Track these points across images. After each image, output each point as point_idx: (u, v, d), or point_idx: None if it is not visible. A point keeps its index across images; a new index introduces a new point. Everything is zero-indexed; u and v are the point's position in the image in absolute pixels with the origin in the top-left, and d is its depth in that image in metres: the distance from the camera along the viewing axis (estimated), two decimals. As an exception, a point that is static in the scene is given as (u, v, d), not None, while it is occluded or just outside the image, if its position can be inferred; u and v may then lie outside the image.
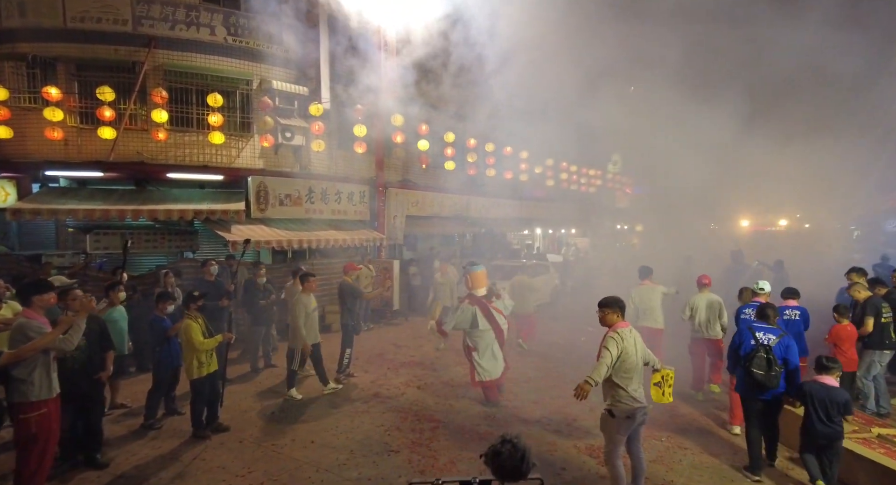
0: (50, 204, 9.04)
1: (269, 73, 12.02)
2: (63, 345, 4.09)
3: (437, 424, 6.05)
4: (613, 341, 4.14)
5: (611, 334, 4.21)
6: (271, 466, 4.97)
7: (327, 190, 12.35)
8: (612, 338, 4.17)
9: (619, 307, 4.33)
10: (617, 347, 4.11)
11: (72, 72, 10.38)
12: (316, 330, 7.01)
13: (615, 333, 4.19)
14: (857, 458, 4.33)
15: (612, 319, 4.32)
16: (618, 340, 4.13)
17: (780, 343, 4.72)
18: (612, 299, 4.37)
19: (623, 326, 4.28)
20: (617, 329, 4.23)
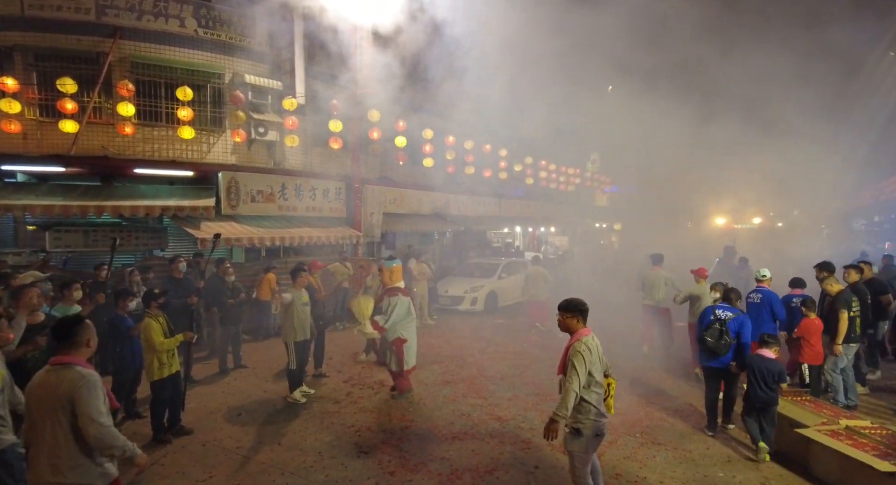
0: (5, 199, 8.61)
1: (241, 66, 11.73)
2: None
3: (409, 423, 5.92)
4: (581, 357, 3.58)
5: (578, 348, 3.63)
6: (235, 469, 4.78)
7: (301, 186, 12.10)
8: (580, 353, 3.59)
9: (581, 312, 3.77)
10: (585, 362, 3.57)
11: (30, 62, 9.93)
12: (307, 326, 6.70)
13: (582, 346, 3.62)
14: (826, 450, 4.34)
15: (574, 326, 3.77)
16: (585, 354, 3.59)
17: (734, 320, 5.48)
18: (574, 302, 3.79)
19: (586, 333, 3.75)
20: (581, 338, 3.68)
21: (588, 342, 3.68)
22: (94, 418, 2.71)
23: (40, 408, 2.74)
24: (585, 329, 3.79)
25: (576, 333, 3.76)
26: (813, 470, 4.54)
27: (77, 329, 2.92)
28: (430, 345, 9.69)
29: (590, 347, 3.65)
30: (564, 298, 3.88)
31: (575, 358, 3.61)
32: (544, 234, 25.33)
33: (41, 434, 2.72)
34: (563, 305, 3.84)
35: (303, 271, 6.90)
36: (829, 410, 5.07)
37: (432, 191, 16.33)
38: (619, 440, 5.45)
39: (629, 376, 7.57)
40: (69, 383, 2.73)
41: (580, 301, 3.83)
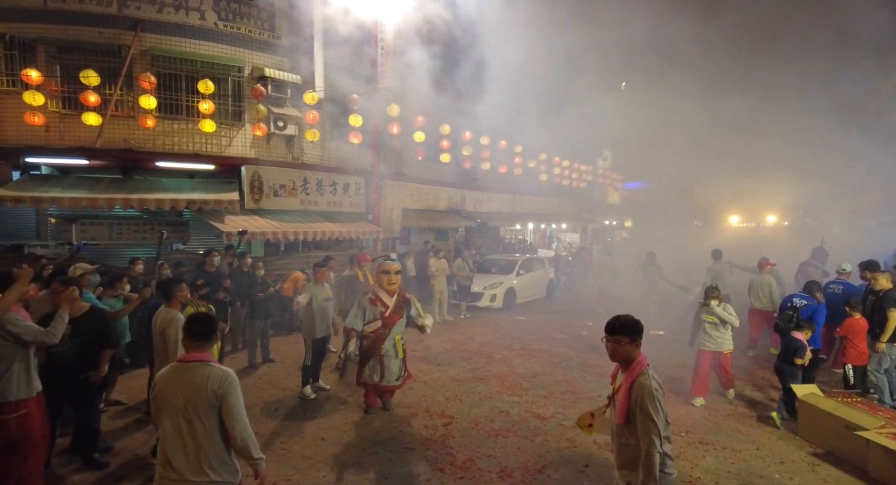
0: (33, 192, 8.57)
1: (261, 60, 11.65)
2: (45, 338, 3.73)
3: (450, 420, 5.86)
4: (655, 398, 2.67)
5: (647, 384, 2.70)
6: (283, 465, 4.72)
7: (323, 181, 12.04)
8: (653, 392, 2.67)
9: (637, 333, 2.85)
10: (661, 405, 2.69)
11: (52, 54, 9.86)
12: (328, 322, 6.65)
13: (651, 381, 2.72)
14: (888, 452, 4.27)
15: (631, 353, 2.83)
16: (658, 394, 2.70)
17: (808, 307, 6.31)
18: (627, 322, 2.85)
19: (646, 362, 2.85)
20: (646, 370, 2.78)
21: (656, 376, 2.79)
22: (242, 418, 2.71)
23: (187, 406, 2.64)
24: (644, 356, 2.87)
25: (635, 364, 2.82)
26: (872, 473, 4.47)
27: (215, 327, 2.89)
28: (454, 341, 9.63)
29: (659, 384, 2.76)
30: (613, 317, 2.93)
31: (648, 401, 2.66)
32: (554, 231, 25.25)
33: (184, 431, 2.64)
34: (614, 325, 2.86)
35: (323, 267, 6.86)
36: (885, 412, 5.01)
37: (448, 187, 16.27)
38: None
39: (666, 374, 7.50)
40: (217, 380, 2.68)
41: (634, 319, 2.89)
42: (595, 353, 8.84)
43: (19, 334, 3.57)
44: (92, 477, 4.51)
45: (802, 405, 5.41)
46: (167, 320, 4.48)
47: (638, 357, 2.84)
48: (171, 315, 4.52)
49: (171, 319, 4.48)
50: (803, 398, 5.42)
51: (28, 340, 3.63)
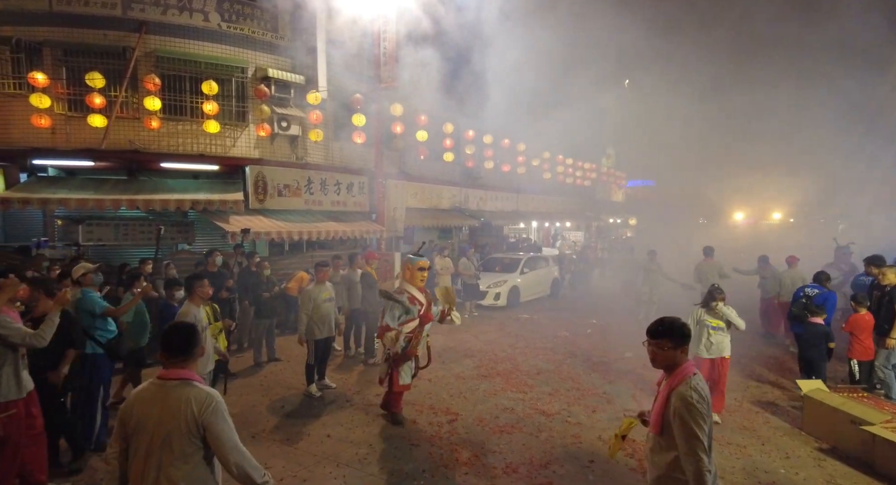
0: (40, 193, 8.64)
1: (264, 60, 11.69)
2: (33, 340, 3.74)
3: (455, 417, 5.88)
4: (698, 412, 2.38)
5: (688, 396, 2.41)
6: (289, 461, 4.76)
7: (326, 180, 12.08)
8: (695, 405, 2.39)
9: (683, 338, 2.60)
10: (706, 419, 2.41)
11: (58, 57, 9.94)
12: (330, 323, 6.64)
13: (693, 393, 2.43)
14: (893, 446, 4.26)
15: (675, 359, 2.57)
16: (702, 407, 2.41)
17: (820, 295, 6.53)
18: (673, 324, 2.60)
19: (692, 369, 2.56)
20: (689, 379, 2.49)
21: (699, 385, 2.49)
22: (235, 445, 2.35)
23: (157, 430, 2.25)
24: (690, 364, 2.60)
25: (679, 371, 2.55)
26: (878, 467, 4.46)
27: (196, 338, 2.47)
28: (458, 339, 9.65)
29: (702, 394, 2.45)
30: (657, 319, 2.69)
31: (687, 414, 2.38)
32: (558, 229, 25.23)
33: (151, 460, 2.25)
34: (657, 328, 2.62)
35: (325, 266, 6.87)
36: (891, 407, 5.00)
37: (452, 185, 16.29)
38: (671, 435, 5.38)
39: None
40: (198, 404, 2.28)
41: (680, 323, 2.62)
42: (600, 351, 8.85)
43: (6, 336, 3.61)
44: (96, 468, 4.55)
45: (808, 401, 5.40)
46: (180, 316, 4.54)
47: (683, 364, 2.56)
48: (184, 310, 4.62)
49: (184, 313, 4.56)
50: (809, 394, 5.41)
51: (16, 343, 3.67)
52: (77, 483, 4.40)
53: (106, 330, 4.94)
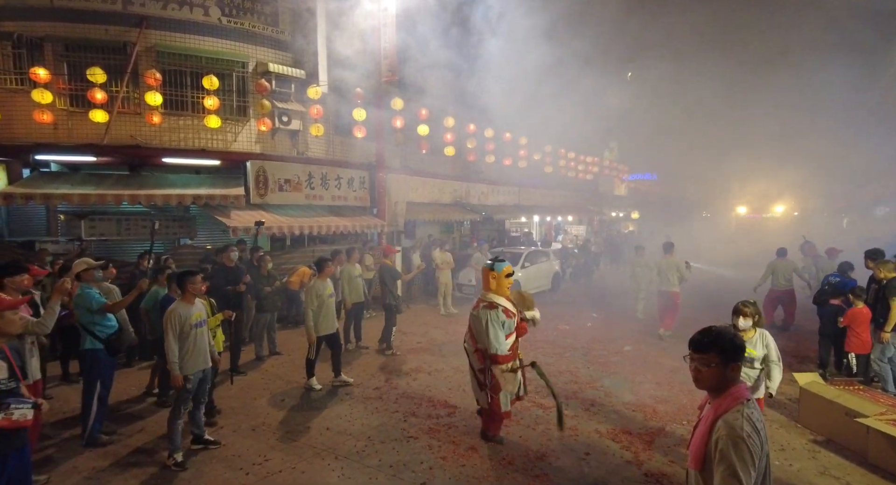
0: (43, 188, 8.70)
1: (265, 55, 11.69)
2: (36, 328, 3.88)
3: (453, 409, 5.94)
4: (745, 446, 1.94)
5: (739, 427, 1.97)
6: (288, 454, 4.82)
7: (327, 175, 12.10)
8: (749, 439, 1.95)
9: (736, 351, 2.10)
10: (755, 458, 1.94)
11: (60, 52, 9.96)
12: (332, 319, 6.65)
13: (745, 424, 1.97)
14: (888, 438, 4.29)
15: (727, 379, 2.11)
16: (752, 442, 1.95)
17: (841, 282, 7.14)
18: (728, 336, 2.13)
19: (745, 394, 2.09)
20: (741, 406, 2.03)
21: (754, 415, 2.02)
22: None
23: None
24: (743, 386, 2.12)
25: (727, 394, 2.09)
26: (872, 459, 4.49)
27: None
28: (458, 333, 9.64)
29: (756, 426, 1.99)
30: (702, 329, 2.19)
31: (733, 449, 1.94)
32: (561, 223, 25.21)
33: None
34: (702, 340, 2.15)
35: (328, 261, 6.85)
36: (885, 399, 5.01)
37: (453, 180, 16.28)
38: (667, 427, 5.43)
39: (669, 366, 7.57)
40: None
41: (731, 334, 2.15)
42: (599, 344, 8.89)
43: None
44: (96, 454, 4.64)
45: (804, 393, 5.43)
46: (166, 314, 4.62)
47: (734, 386, 2.09)
48: (171, 308, 4.66)
49: (169, 312, 4.62)
50: (805, 386, 5.44)
51: (18, 331, 3.74)
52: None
53: (105, 326, 4.97)
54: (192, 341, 4.61)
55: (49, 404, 5.92)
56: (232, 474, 4.43)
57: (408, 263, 12.70)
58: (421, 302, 13.03)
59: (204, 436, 4.94)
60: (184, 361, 4.58)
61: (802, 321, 10.14)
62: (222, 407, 5.88)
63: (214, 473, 4.47)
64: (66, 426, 5.39)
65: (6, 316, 3.10)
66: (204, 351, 4.76)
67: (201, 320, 4.77)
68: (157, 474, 4.44)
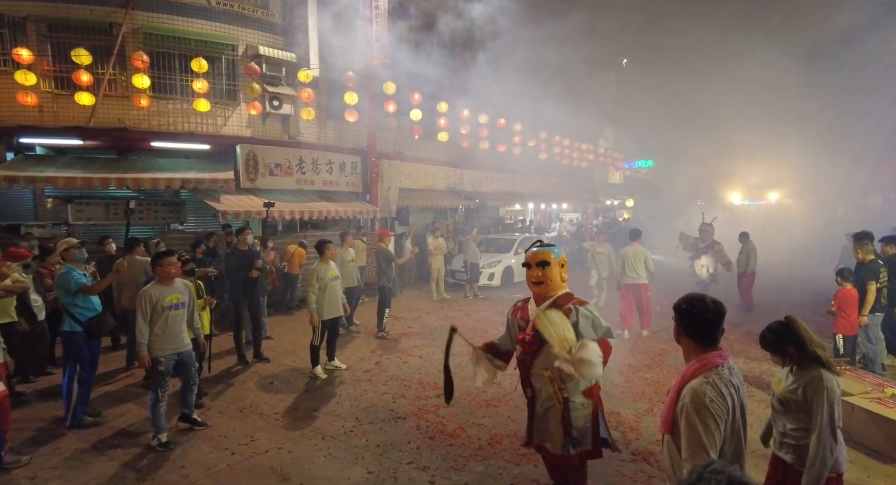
0: (27, 171, 8.56)
1: (255, 38, 11.50)
2: None
3: (441, 390, 5.91)
4: (708, 411, 1.97)
5: (705, 393, 1.99)
6: (274, 434, 4.80)
7: (318, 160, 11.98)
8: (710, 404, 1.97)
9: (694, 318, 2.17)
10: (719, 422, 1.97)
11: (43, 32, 9.74)
12: (337, 303, 6.51)
13: (713, 390, 2.00)
14: (873, 416, 4.31)
15: (690, 346, 2.20)
16: (715, 406, 1.97)
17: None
18: (682, 303, 2.21)
19: (717, 360, 2.09)
20: (712, 372, 2.05)
21: (720, 380, 2.03)
22: None
23: None
24: (716, 352, 2.13)
25: (697, 360, 2.13)
26: (855, 435, 4.51)
27: None
28: (450, 318, 9.71)
29: (722, 392, 2.00)
30: (685, 295, 2.25)
31: (695, 414, 1.98)
32: (555, 211, 25.18)
33: None
34: (678, 306, 2.22)
35: (329, 243, 6.75)
36: (871, 379, 5.04)
37: (447, 166, 16.18)
38: (655, 408, 5.44)
39: (657, 349, 7.59)
40: None
41: (687, 301, 2.20)
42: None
43: None
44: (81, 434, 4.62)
45: (792, 374, 5.44)
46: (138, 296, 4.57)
47: (705, 353, 2.11)
48: (145, 289, 4.60)
49: (142, 292, 4.56)
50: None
51: None
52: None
53: (85, 308, 4.89)
54: (163, 324, 4.53)
55: (34, 386, 5.91)
56: (217, 454, 4.41)
57: (399, 251, 12.65)
58: (414, 288, 13.01)
59: (192, 415, 4.91)
60: (154, 343, 4.51)
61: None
62: (209, 390, 5.85)
63: (199, 453, 4.44)
64: (51, 409, 5.34)
65: None
66: (177, 334, 4.64)
67: (178, 303, 4.64)
68: (141, 455, 4.42)
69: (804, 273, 13.88)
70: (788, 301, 11.05)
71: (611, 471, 4.18)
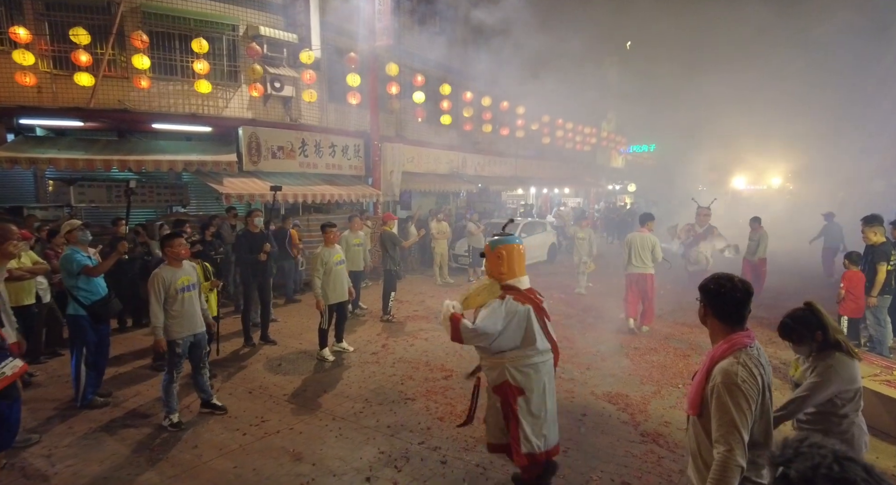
0: (28, 153, 8.46)
1: (255, 18, 11.30)
2: None
3: (450, 373, 5.95)
4: (740, 390, 1.98)
5: (734, 372, 2.01)
6: (285, 415, 4.83)
7: (321, 143, 11.87)
8: (743, 384, 1.98)
9: (721, 298, 2.16)
10: (750, 402, 1.98)
11: (40, 11, 9.54)
12: (342, 287, 6.47)
13: (739, 369, 2.01)
14: (882, 398, 4.33)
15: (717, 326, 2.20)
16: (747, 387, 1.98)
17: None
18: (709, 283, 2.21)
19: (746, 341, 2.10)
20: (738, 352, 2.07)
21: (750, 360, 2.04)
22: None
23: None
24: (744, 332, 2.13)
25: (725, 341, 2.13)
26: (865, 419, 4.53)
27: None
28: (455, 302, 9.71)
29: (753, 372, 2.01)
30: (711, 275, 2.25)
31: (726, 393, 1.99)
32: (557, 195, 25.09)
33: None
34: (701, 284, 2.25)
35: (332, 227, 6.67)
36: (879, 361, 5.05)
37: (449, 150, 16.06)
38: (663, 391, 5.47)
39: (663, 332, 7.61)
40: None
41: (714, 280, 2.19)
42: (593, 312, 8.92)
43: None
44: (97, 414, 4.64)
45: (799, 357, 5.46)
46: (150, 278, 4.52)
47: (733, 334, 2.12)
48: (156, 272, 4.54)
49: (153, 276, 4.49)
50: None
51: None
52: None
53: (89, 291, 4.85)
54: (179, 306, 4.51)
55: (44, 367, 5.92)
56: (229, 435, 4.43)
57: (403, 234, 12.60)
58: (417, 272, 13.01)
59: (211, 400, 4.88)
60: (172, 326, 4.49)
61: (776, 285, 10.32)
62: (218, 372, 5.86)
63: (211, 433, 4.46)
64: (62, 389, 5.36)
65: None
66: (193, 315, 4.63)
67: (190, 284, 4.62)
68: (154, 435, 4.44)
69: (804, 257, 13.87)
70: (789, 286, 11.07)
71: (620, 452, 4.21)
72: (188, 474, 3.81)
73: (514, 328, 3.26)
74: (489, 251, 3.49)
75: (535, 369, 3.35)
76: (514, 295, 3.34)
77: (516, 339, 3.29)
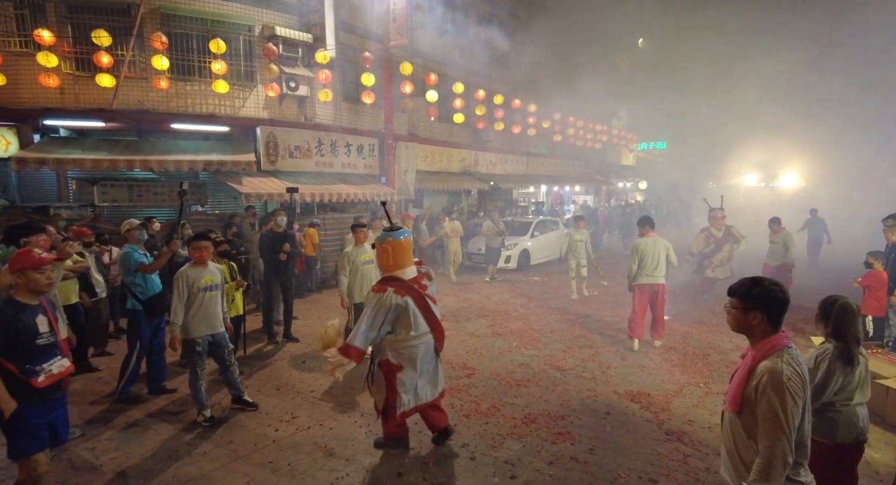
0: (55, 153, 8.64)
1: (271, 18, 11.42)
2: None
3: (472, 371, 6.03)
4: (786, 388, 2.01)
5: (781, 371, 2.04)
6: (314, 411, 4.93)
7: (336, 142, 11.98)
8: (788, 382, 2.02)
9: (777, 303, 2.17)
10: (798, 402, 2.02)
11: (63, 14, 9.73)
12: (369, 286, 6.40)
13: (786, 368, 2.05)
14: (903, 397, 4.37)
15: (755, 327, 2.21)
16: (794, 386, 2.02)
17: None
18: (747, 283, 2.25)
19: (785, 341, 2.16)
20: (781, 352, 2.13)
21: (793, 360, 2.10)
22: None
23: None
24: (782, 333, 2.20)
25: (766, 342, 2.18)
26: (890, 419, 4.58)
27: None
28: (470, 300, 9.81)
29: (797, 370, 2.07)
30: (745, 277, 2.30)
31: (774, 390, 2.03)
32: (568, 193, 25.07)
33: None
34: (733, 286, 2.30)
35: (361, 227, 6.71)
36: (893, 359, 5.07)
37: (462, 148, 16.11)
38: (685, 390, 5.51)
39: (681, 331, 7.65)
40: None
41: (752, 282, 2.23)
42: (612, 310, 8.96)
43: None
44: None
45: (821, 357, 5.48)
46: (175, 275, 4.64)
47: (774, 335, 2.17)
48: (181, 270, 4.64)
49: (178, 274, 4.61)
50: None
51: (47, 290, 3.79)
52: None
53: (144, 286, 5.09)
54: (198, 305, 4.60)
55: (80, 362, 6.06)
56: (262, 430, 4.54)
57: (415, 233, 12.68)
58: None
59: (242, 396, 4.98)
60: (190, 324, 4.59)
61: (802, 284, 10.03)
62: (244, 369, 5.97)
63: (244, 429, 4.57)
64: (97, 384, 5.51)
65: (29, 275, 3.04)
66: (213, 316, 4.71)
67: (212, 285, 4.70)
68: (188, 429, 4.56)
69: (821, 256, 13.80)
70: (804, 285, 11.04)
71: (646, 450, 4.27)
72: (226, 469, 3.92)
73: (391, 319, 3.80)
74: (378, 245, 3.97)
75: (412, 350, 3.91)
76: (395, 287, 3.82)
77: (393, 327, 3.86)
